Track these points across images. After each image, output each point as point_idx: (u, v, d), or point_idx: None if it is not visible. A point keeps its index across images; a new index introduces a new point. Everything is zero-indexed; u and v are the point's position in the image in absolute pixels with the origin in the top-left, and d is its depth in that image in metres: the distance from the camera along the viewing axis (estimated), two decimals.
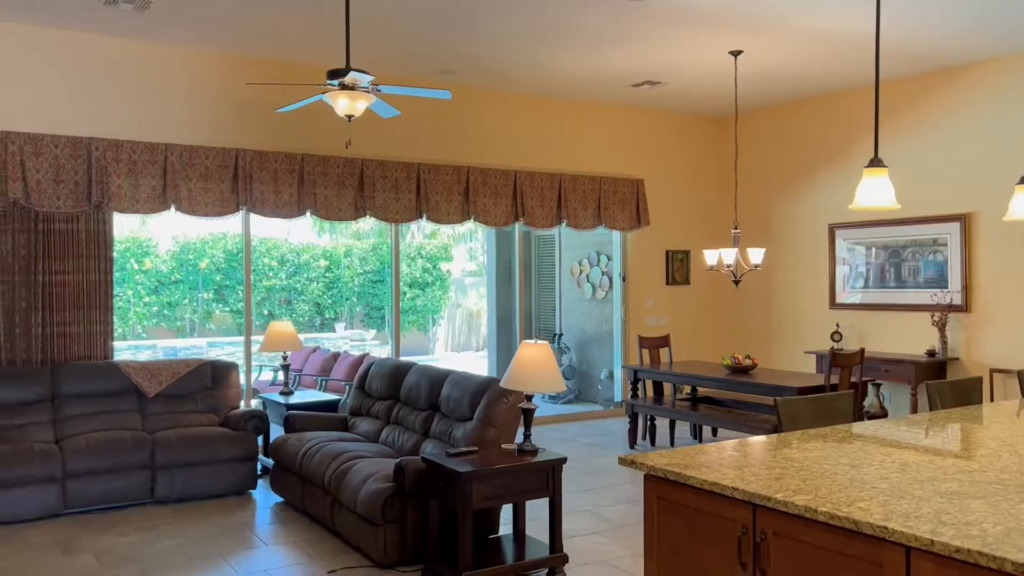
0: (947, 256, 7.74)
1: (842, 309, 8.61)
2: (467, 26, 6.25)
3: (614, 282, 9.38)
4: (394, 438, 5.48)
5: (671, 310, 9.44)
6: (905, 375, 7.57)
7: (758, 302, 9.43)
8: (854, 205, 2.75)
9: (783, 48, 6.91)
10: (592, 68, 7.50)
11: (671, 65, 7.43)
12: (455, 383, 5.19)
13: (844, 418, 3.34)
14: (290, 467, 5.56)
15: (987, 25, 6.33)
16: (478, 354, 16.51)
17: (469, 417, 4.95)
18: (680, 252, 9.48)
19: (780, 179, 9.23)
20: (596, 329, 10.25)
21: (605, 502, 5.77)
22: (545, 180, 8.49)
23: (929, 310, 7.84)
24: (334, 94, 5.04)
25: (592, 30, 6.38)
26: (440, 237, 15.37)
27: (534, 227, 8.47)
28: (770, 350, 9.27)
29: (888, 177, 2.69)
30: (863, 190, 2.72)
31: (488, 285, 11.53)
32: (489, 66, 7.38)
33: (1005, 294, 7.32)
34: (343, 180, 7.42)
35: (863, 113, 8.40)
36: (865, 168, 2.73)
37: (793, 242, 9.08)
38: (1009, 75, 7.23)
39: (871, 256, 8.36)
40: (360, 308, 14.96)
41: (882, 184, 2.68)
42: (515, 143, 8.45)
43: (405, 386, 5.68)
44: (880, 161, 2.70)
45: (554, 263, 10.95)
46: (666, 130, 9.48)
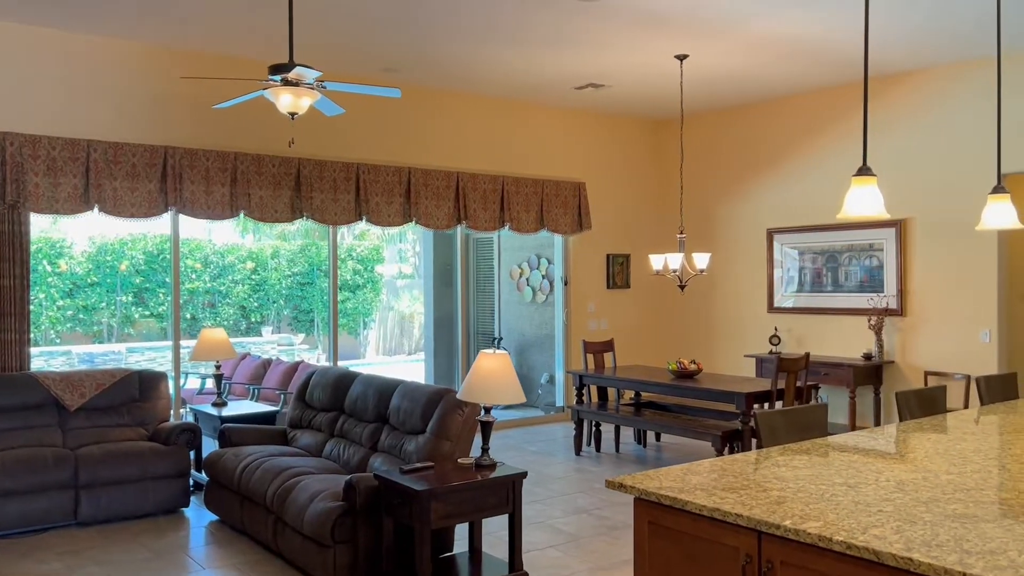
0: (883, 261, 7.89)
1: (780, 313, 8.70)
2: (411, 23, 6.03)
3: (555, 286, 9.28)
4: (339, 452, 5.23)
5: (612, 314, 9.39)
6: (843, 378, 7.67)
7: (698, 306, 9.46)
8: (842, 214, 2.67)
9: (728, 53, 6.91)
10: (537, 69, 7.37)
11: (616, 68, 7.36)
12: (406, 394, 4.98)
13: (819, 430, 3.28)
14: (227, 484, 5.25)
15: (926, 34, 6.45)
16: (410, 358, 16.23)
17: (422, 430, 4.75)
18: (621, 256, 9.44)
19: (721, 183, 9.28)
20: (536, 333, 10.13)
21: (556, 513, 5.64)
22: (488, 182, 8.32)
23: (866, 314, 7.98)
24: (276, 90, 4.77)
25: (539, 30, 6.24)
26: (370, 238, 15.04)
27: (477, 230, 8.30)
28: (710, 353, 9.31)
29: (876, 185, 2.62)
30: (851, 199, 2.64)
31: (425, 288, 11.30)
32: (433, 65, 7.18)
33: (938, 298, 7.49)
34: (279, 180, 7.11)
35: (802, 118, 8.49)
36: (853, 176, 2.66)
37: (733, 246, 9.14)
38: (946, 84, 7.40)
39: (809, 260, 8.46)
40: (288, 311, 14.51)
41: (870, 193, 2.61)
42: (458, 144, 8.26)
43: (350, 397, 5.43)
44: (868, 169, 2.63)
45: (492, 266, 10.79)
46: (608, 133, 9.43)
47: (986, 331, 7.18)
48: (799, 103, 8.50)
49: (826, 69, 7.47)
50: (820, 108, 8.32)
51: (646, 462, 7.19)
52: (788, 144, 8.62)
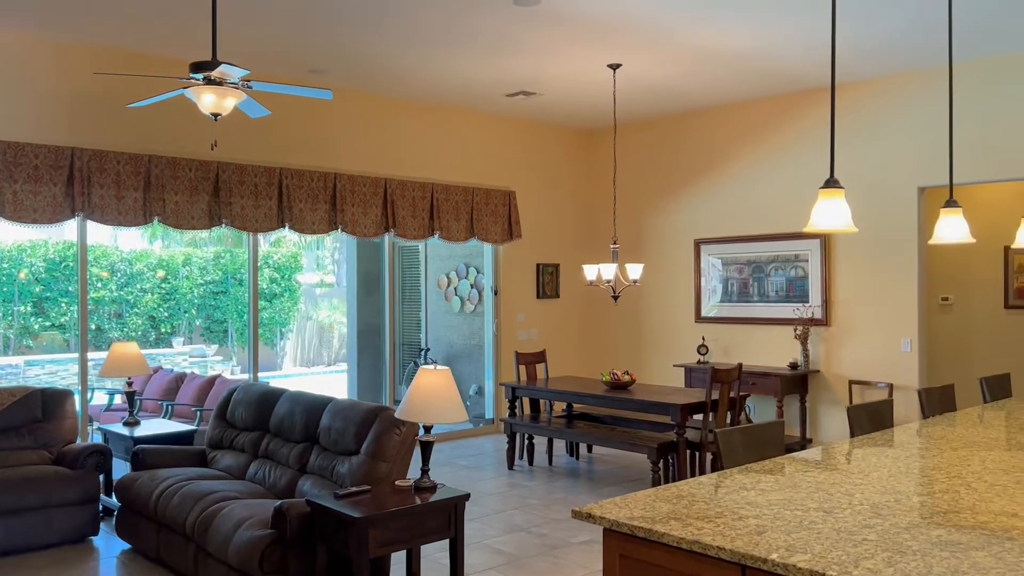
0: (808, 272, 8.01)
1: (708, 323, 8.74)
2: (339, 24, 5.79)
3: (485, 296, 9.11)
4: (264, 474, 4.93)
5: (542, 324, 9.28)
6: (771, 388, 7.74)
7: (627, 316, 9.44)
8: (809, 227, 2.59)
9: (661, 63, 6.89)
10: (468, 75, 7.21)
11: (548, 76, 7.26)
12: (337, 412, 4.72)
13: (776, 447, 3.21)
14: (141, 510, 4.88)
15: (853, 48, 6.56)
16: (330, 369, 15.81)
17: (355, 450, 4.50)
18: (551, 265, 9.35)
19: (650, 193, 9.29)
20: (465, 343, 9.94)
21: (493, 532, 5.46)
22: (417, 189, 8.10)
23: (791, 324, 8.08)
24: (198, 89, 4.47)
25: (471, 36, 6.08)
26: (287, 245, 14.58)
27: (405, 238, 8.06)
28: (640, 363, 9.30)
29: (844, 199, 2.55)
30: (819, 212, 2.57)
31: (347, 297, 10.98)
32: (361, 67, 6.93)
33: (861, 309, 7.64)
34: (196, 185, 6.73)
35: (730, 130, 8.57)
36: (820, 189, 2.58)
37: (661, 256, 9.15)
38: (871, 98, 7.56)
39: (735, 271, 8.53)
40: (200, 321, 13.92)
41: (838, 206, 2.54)
42: (386, 150, 8.02)
43: (276, 415, 5.13)
44: (836, 182, 2.56)
45: (419, 275, 10.56)
46: (538, 141, 9.33)
47: (907, 340, 7.35)
48: (729, 114, 8.58)
49: (755, 81, 7.54)
50: (750, 120, 8.41)
51: (579, 475, 7.08)
52: (717, 155, 8.69)
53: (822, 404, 7.92)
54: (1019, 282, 7.83)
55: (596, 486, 6.67)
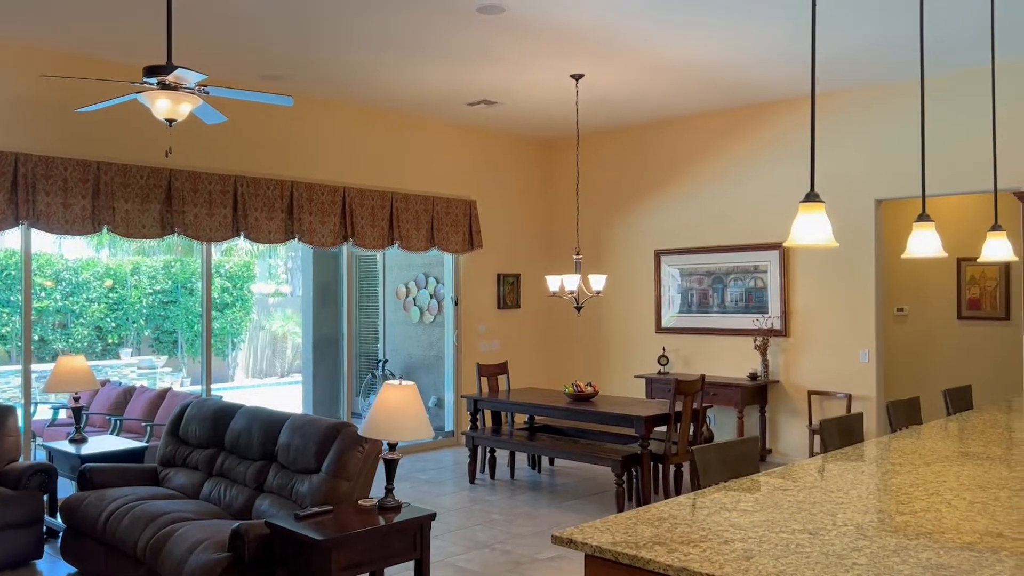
0: (767, 282, 8.05)
1: (668, 333, 8.74)
2: (296, 28, 5.65)
3: (445, 306, 8.99)
4: (220, 494, 4.75)
5: (503, 335, 9.19)
6: (732, 398, 7.76)
7: (588, 326, 9.40)
8: (789, 242, 2.55)
9: (623, 73, 6.87)
10: (429, 83, 7.11)
11: (509, 85, 7.19)
12: (296, 428, 4.57)
13: (751, 463, 3.16)
14: (89, 532, 4.66)
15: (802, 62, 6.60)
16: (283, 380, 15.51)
17: (316, 469, 4.35)
18: (511, 276, 9.27)
19: (611, 204, 9.27)
20: (424, 354, 9.80)
21: (457, 549, 5.34)
22: (376, 198, 7.96)
23: (751, 334, 8.11)
24: (153, 94, 4.30)
25: (434, 43, 5.99)
26: (239, 254, 14.28)
27: (364, 248, 7.91)
28: (601, 374, 9.26)
29: (825, 213, 2.51)
30: (798, 226, 2.53)
31: (303, 307, 10.76)
32: (319, 73, 6.79)
33: (820, 319, 7.70)
34: (148, 193, 6.51)
35: (691, 141, 8.60)
36: (801, 203, 2.54)
37: (622, 267, 9.14)
38: (828, 111, 7.64)
39: (695, 282, 8.55)
40: (149, 332, 13.55)
41: (818, 220, 2.50)
42: (345, 158, 7.87)
43: (232, 432, 4.95)
44: (816, 196, 2.52)
45: (377, 285, 10.40)
46: (499, 151, 9.26)
47: (865, 351, 7.43)
48: (690, 125, 8.61)
49: (717, 93, 7.57)
50: (710, 131, 8.44)
51: (542, 489, 7.00)
52: (677, 166, 8.71)
53: (782, 415, 7.96)
54: (971, 293, 7.98)
55: (559, 500, 6.59)
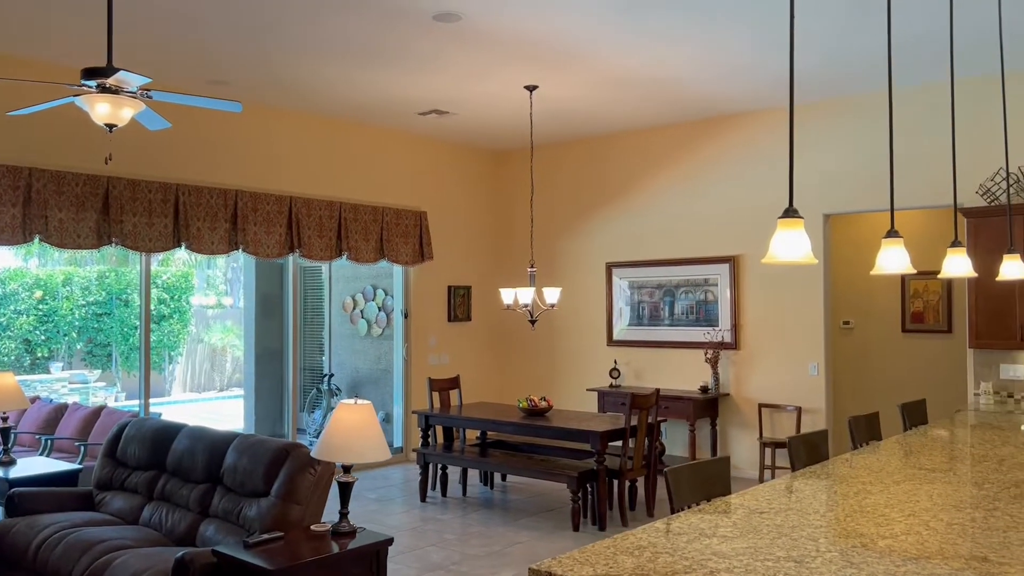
0: (717, 296, 8.08)
1: (619, 346, 8.71)
2: (244, 32, 5.45)
3: (394, 319, 8.80)
4: (161, 518, 4.51)
5: (453, 348, 9.04)
6: (683, 411, 7.75)
7: (540, 339, 9.31)
8: (768, 259, 2.48)
9: (576, 85, 6.82)
10: (379, 90, 6.95)
11: (462, 95, 7.08)
12: (244, 449, 4.36)
13: (722, 483, 3.09)
14: (19, 562, 4.37)
15: (768, 77, 6.66)
16: (222, 394, 15.08)
17: (264, 492, 4.15)
18: (462, 288, 9.14)
19: (562, 216, 9.22)
20: (371, 368, 9.59)
21: (410, 571, 5.17)
22: (324, 208, 7.76)
23: (702, 347, 8.12)
24: (92, 97, 4.07)
25: (386, 50, 5.85)
26: (176, 264, 13.84)
27: (311, 259, 7.69)
28: (553, 387, 9.18)
29: (803, 230, 2.46)
30: (777, 243, 2.46)
31: (245, 319, 10.44)
32: (266, 79, 6.58)
33: (770, 332, 7.75)
34: (83, 201, 6.21)
35: (643, 154, 8.60)
36: (779, 219, 2.48)
37: (574, 279, 9.08)
38: (777, 126, 7.71)
39: (646, 294, 8.54)
40: (81, 345, 13.03)
41: (797, 237, 2.44)
42: (292, 166, 7.65)
43: (174, 453, 4.71)
44: (795, 212, 2.46)
45: (322, 297, 10.15)
46: (450, 161, 9.13)
47: (814, 364, 7.49)
48: (642, 139, 8.61)
49: (669, 107, 7.58)
50: (662, 145, 8.46)
51: (495, 506, 6.86)
52: (629, 179, 8.70)
53: (732, 427, 7.98)
54: (915, 307, 8.13)
55: (513, 517, 6.46)
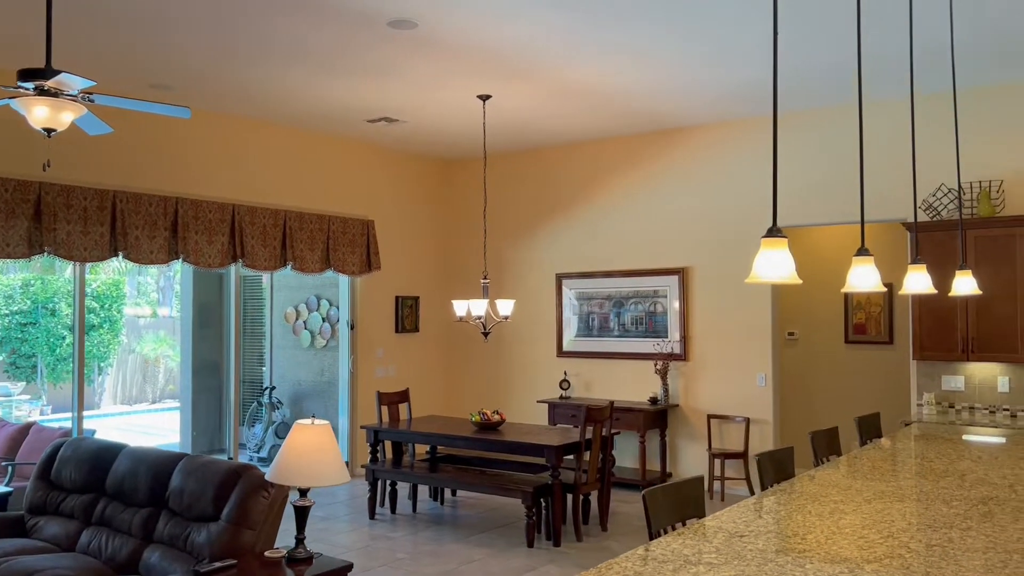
0: (667, 307, 8.10)
1: (569, 357, 8.67)
2: (186, 35, 5.24)
3: (340, 330, 8.60)
4: (100, 545, 4.26)
5: (401, 360, 8.88)
6: (634, 423, 7.74)
7: (490, 351, 9.22)
8: (751, 278, 2.44)
9: (528, 96, 6.76)
10: (329, 97, 6.78)
11: (413, 103, 6.96)
12: (192, 471, 4.16)
13: (696, 505, 3.04)
14: None
15: (705, 91, 6.70)
16: (154, 407, 14.59)
17: (214, 516, 3.96)
18: (410, 298, 8.98)
19: (513, 227, 9.15)
20: (315, 381, 9.35)
21: None
22: (269, 217, 7.53)
23: (651, 359, 8.14)
24: (29, 100, 3.84)
25: (338, 56, 5.70)
26: (106, 271, 13.34)
27: (255, 269, 7.46)
28: (502, 399, 9.09)
29: (788, 249, 2.42)
30: (761, 262, 2.42)
31: (182, 329, 10.10)
32: (209, 83, 6.35)
33: (718, 344, 7.80)
34: (13, 208, 5.89)
35: (594, 165, 8.59)
36: (763, 238, 2.44)
37: (524, 290, 9.02)
38: (728, 140, 7.78)
39: (596, 306, 8.52)
40: (3, 357, 12.46)
41: (781, 256, 2.41)
42: (235, 173, 7.41)
43: (114, 475, 4.47)
44: (779, 231, 2.43)
45: (263, 307, 9.87)
46: (399, 170, 8.98)
47: (762, 375, 7.56)
48: (594, 150, 8.60)
49: (621, 119, 7.58)
50: (614, 156, 8.46)
51: (445, 522, 6.73)
52: (580, 190, 8.68)
53: (681, 438, 8.00)
54: (858, 318, 8.28)
55: (466, 534, 6.34)
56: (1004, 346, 6.16)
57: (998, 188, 6.42)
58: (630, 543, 6.03)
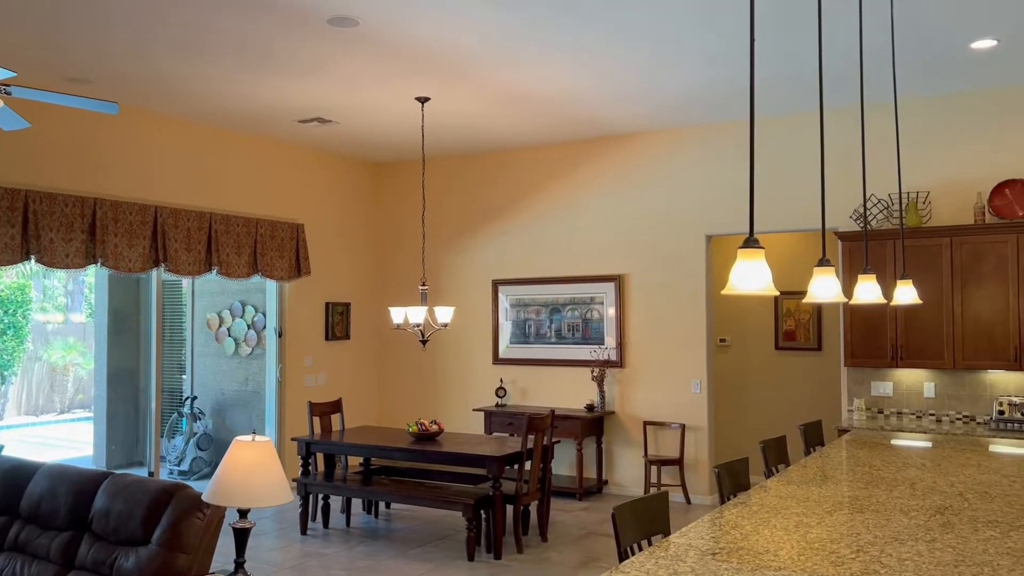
0: (603, 314, 8.09)
1: (505, 364, 8.57)
2: (104, 27, 4.93)
3: (267, 337, 8.28)
4: (15, 573, 3.94)
5: (331, 368, 8.61)
6: (571, 430, 7.68)
7: (424, 358, 9.04)
8: (727, 290, 2.38)
9: (466, 99, 6.64)
10: (260, 96, 6.51)
11: (348, 104, 6.75)
12: (118, 491, 3.87)
13: (662, 520, 2.97)
14: None
15: (645, 99, 6.71)
16: (62, 417, 13.86)
17: (143, 540, 3.70)
18: (341, 305, 8.73)
19: (449, 231, 9.00)
20: (239, 390, 8.99)
21: None
22: (193, 219, 7.19)
23: (588, 365, 8.11)
24: None
25: (273, 53, 5.46)
26: (8, 274, 12.62)
27: (179, 274, 7.11)
28: (437, 408, 8.91)
29: (764, 260, 2.37)
30: (737, 273, 2.36)
31: (96, 336, 9.59)
32: (135, 78, 6.01)
33: (654, 350, 7.82)
34: None
35: (531, 171, 8.52)
36: (739, 249, 2.38)
37: (460, 296, 8.88)
38: (664, 149, 7.81)
39: (533, 312, 8.45)
40: None
41: (758, 268, 2.35)
42: (158, 174, 7.05)
43: (30, 496, 4.14)
44: (756, 242, 2.37)
45: (183, 313, 9.45)
46: (331, 172, 8.72)
47: (697, 381, 7.61)
48: (532, 155, 8.53)
49: (559, 125, 7.53)
50: (551, 162, 8.40)
51: (381, 536, 6.52)
52: (517, 195, 8.60)
53: (617, 445, 7.99)
54: (787, 325, 8.43)
55: (404, 548, 6.16)
56: (931, 353, 6.33)
57: (925, 199, 6.62)
58: (571, 554, 5.96)
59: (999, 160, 6.41)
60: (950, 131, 6.57)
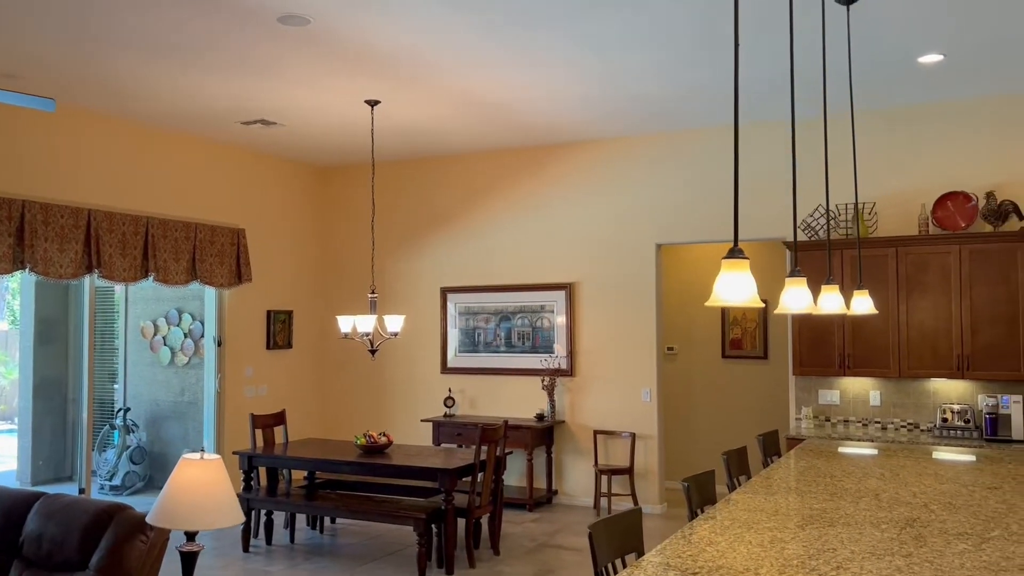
0: (554, 323, 8.02)
1: (454, 374, 8.43)
2: (37, 16, 4.66)
3: (205, 346, 7.98)
4: None
5: (272, 378, 8.34)
6: (522, 440, 7.59)
7: (370, 367, 8.83)
8: (711, 301, 2.31)
9: (419, 104, 6.51)
10: (201, 96, 6.27)
11: (294, 106, 6.55)
12: (52, 512, 3.62)
13: (635, 536, 2.89)
14: None
15: (595, 107, 6.68)
16: None
17: (80, 565, 3.46)
18: (283, 312, 8.47)
19: (396, 238, 8.82)
20: (175, 401, 8.64)
21: None
22: (128, 223, 6.88)
23: (538, 374, 8.03)
24: None
25: (218, 51, 5.24)
26: None
27: (113, 281, 6.79)
28: (384, 419, 8.71)
29: (749, 271, 2.31)
30: (721, 284, 2.30)
31: (22, 344, 9.11)
32: (69, 74, 5.71)
33: (603, 359, 7.78)
34: None
35: (481, 177, 8.41)
36: (723, 259, 2.31)
37: (408, 304, 8.71)
38: (616, 157, 7.78)
39: (482, 321, 8.33)
40: None
41: (742, 279, 2.29)
42: (91, 175, 6.72)
43: None
44: (740, 252, 2.31)
45: (116, 320, 9.06)
46: (273, 176, 8.47)
47: (647, 390, 7.59)
48: (482, 161, 8.42)
49: (509, 131, 7.44)
50: (501, 168, 8.31)
51: (326, 552, 6.31)
52: (466, 202, 8.48)
53: (567, 455, 7.92)
54: (734, 334, 8.49)
55: (350, 565, 5.96)
56: (878, 362, 6.42)
57: (871, 209, 6.72)
58: (523, 567, 5.85)
59: (943, 172, 6.55)
60: (897, 143, 6.70)
